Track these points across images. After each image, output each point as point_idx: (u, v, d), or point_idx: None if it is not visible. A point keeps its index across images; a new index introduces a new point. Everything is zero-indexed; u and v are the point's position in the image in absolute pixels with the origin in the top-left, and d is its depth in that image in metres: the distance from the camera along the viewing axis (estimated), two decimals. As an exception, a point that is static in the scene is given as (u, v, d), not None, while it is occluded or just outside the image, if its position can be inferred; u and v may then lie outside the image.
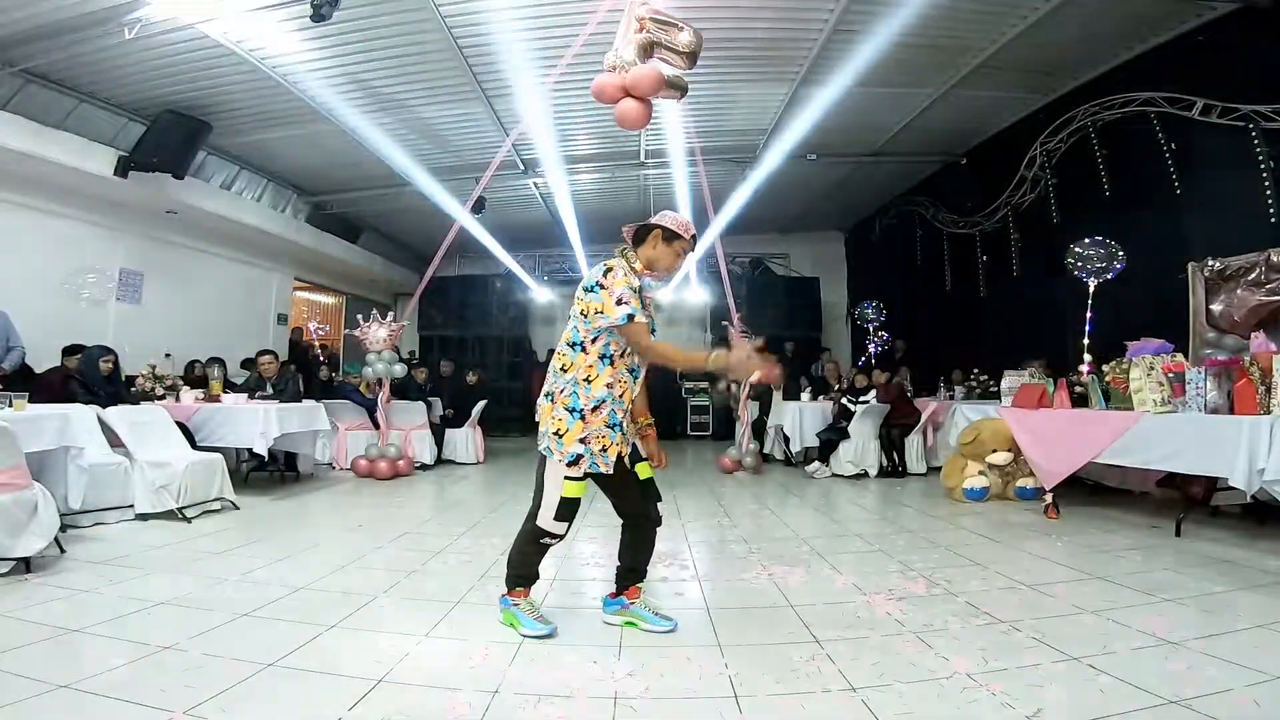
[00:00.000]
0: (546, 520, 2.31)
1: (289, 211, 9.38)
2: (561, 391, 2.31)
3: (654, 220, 2.45)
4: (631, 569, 2.49)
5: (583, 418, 2.27)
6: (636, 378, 2.38)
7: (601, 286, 2.27)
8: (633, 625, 2.42)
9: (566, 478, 2.26)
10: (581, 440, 2.26)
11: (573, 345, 2.34)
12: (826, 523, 4.54)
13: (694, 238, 2.44)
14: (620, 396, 2.32)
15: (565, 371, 2.32)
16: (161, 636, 2.24)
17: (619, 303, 2.23)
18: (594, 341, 2.31)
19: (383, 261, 11.76)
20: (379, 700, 1.84)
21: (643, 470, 2.42)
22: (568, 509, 2.29)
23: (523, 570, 2.44)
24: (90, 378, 4.83)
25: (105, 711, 1.76)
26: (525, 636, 2.32)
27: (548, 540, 2.36)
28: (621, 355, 2.33)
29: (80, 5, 4.86)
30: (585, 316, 2.31)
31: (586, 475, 2.29)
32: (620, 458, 2.31)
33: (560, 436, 2.27)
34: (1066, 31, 5.57)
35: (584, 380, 2.29)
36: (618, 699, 1.88)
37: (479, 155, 7.80)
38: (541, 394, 2.37)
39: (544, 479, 2.32)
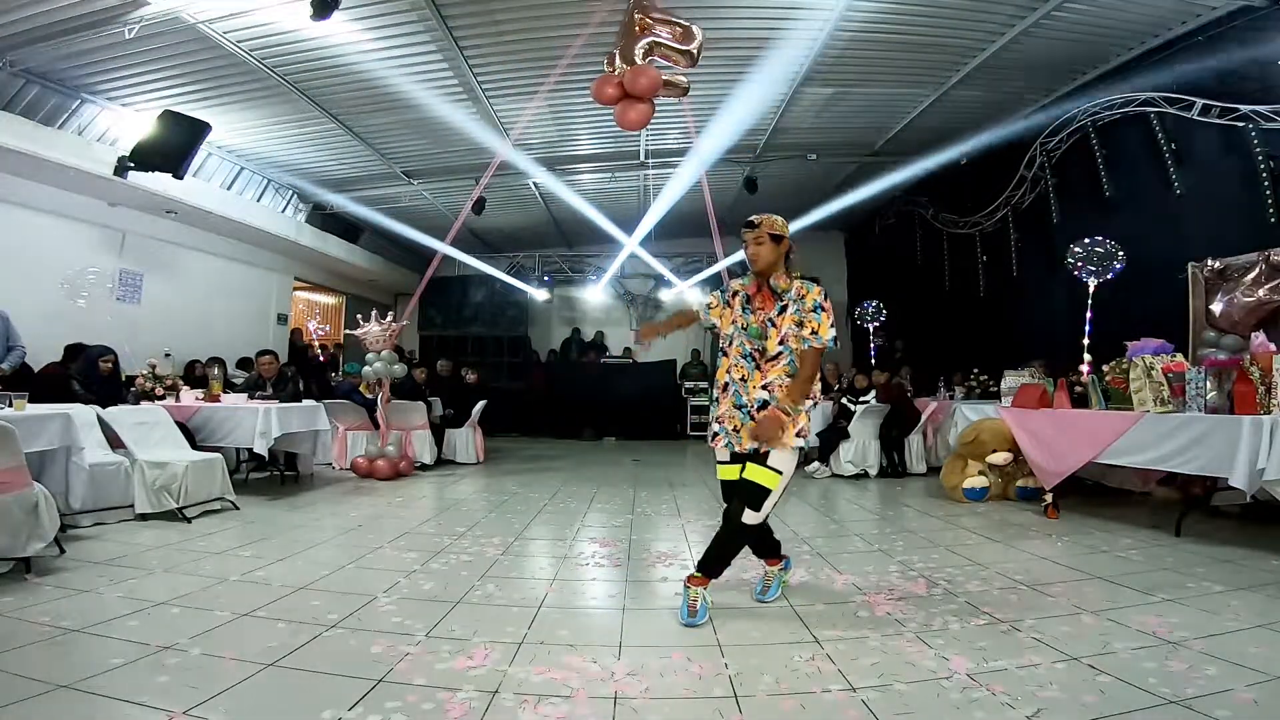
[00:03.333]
0: None
1: (289, 211, 9.38)
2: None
3: None
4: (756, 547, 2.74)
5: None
6: (746, 357, 2.60)
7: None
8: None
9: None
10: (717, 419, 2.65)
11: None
12: (826, 523, 4.54)
13: (747, 223, 2.59)
14: (742, 380, 2.58)
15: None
16: (161, 636, 2.24)
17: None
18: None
19: (383, 261, 11.76)
20: (379, 700, 1.84)
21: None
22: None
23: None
24: (90, 377, 4.84)
25: (105, 711, 1.76)
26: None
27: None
28: (730, 344, 2.65)
29: (80, 5, 4.87)
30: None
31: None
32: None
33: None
34: (1066, 31, 5.57)
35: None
36: (618, 699, 1.88)
37: (479, 155, 7.81)
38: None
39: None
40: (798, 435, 2.48)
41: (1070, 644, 2.19)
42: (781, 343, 2.53)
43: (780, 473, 2.45)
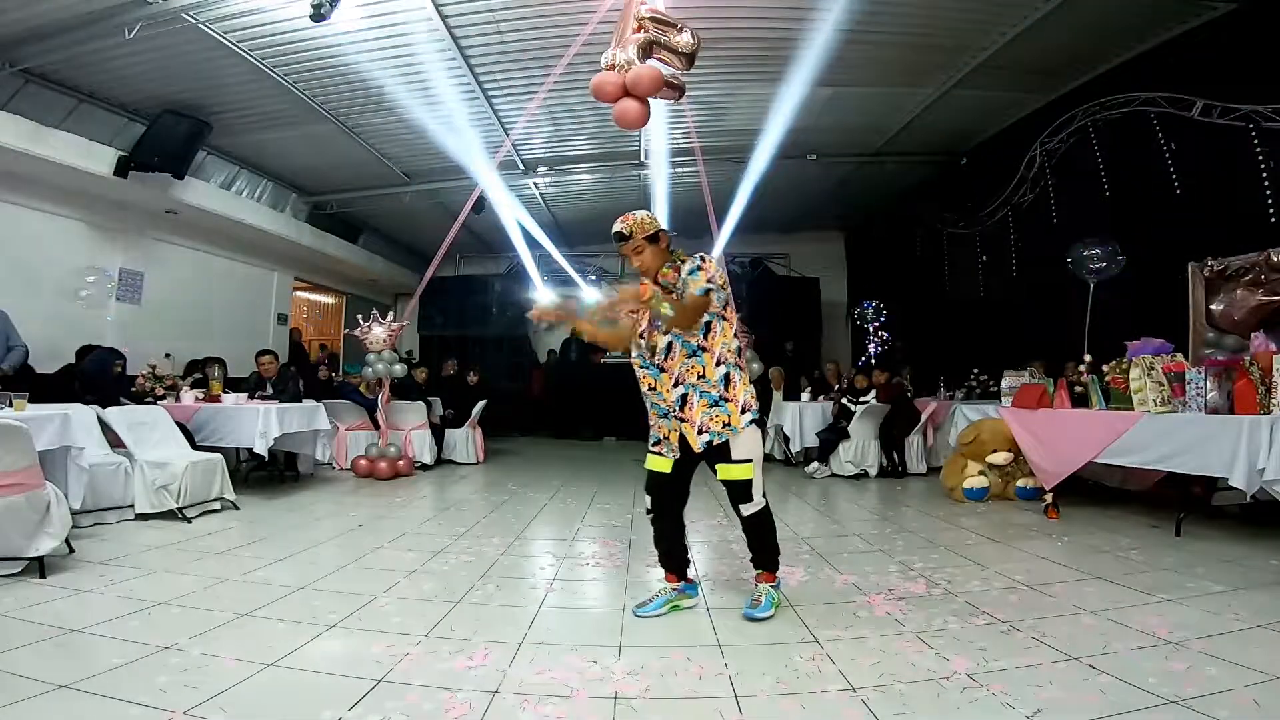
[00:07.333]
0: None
1: (289, 211, 9.37)
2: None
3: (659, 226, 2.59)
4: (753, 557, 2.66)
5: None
6: (646, 368, 2.59)
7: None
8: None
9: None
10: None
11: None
12: (826, 523, 4.54)
13: (617, 236, 2.60)
14: (652, 389, 2.60)
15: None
16: (161, 636, 2.24)
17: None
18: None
19: (383, 261, 11.76)
20: (379, 700, 1.84)
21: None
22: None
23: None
24: (98, 378, 4.85)
25: (105, 711, 1.76)
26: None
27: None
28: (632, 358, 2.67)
29: (80, 5, 4.86)
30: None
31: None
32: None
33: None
34: (1066, 31, 5.57)
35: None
36: (618, 699, 1.88)
37: (479, 155, 7.79)
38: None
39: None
40: (743, 413, 2.50)
41: (1070, 644, 2.19)
42: (666, 333, 2.54)
43: (749, 460, 2.50)
